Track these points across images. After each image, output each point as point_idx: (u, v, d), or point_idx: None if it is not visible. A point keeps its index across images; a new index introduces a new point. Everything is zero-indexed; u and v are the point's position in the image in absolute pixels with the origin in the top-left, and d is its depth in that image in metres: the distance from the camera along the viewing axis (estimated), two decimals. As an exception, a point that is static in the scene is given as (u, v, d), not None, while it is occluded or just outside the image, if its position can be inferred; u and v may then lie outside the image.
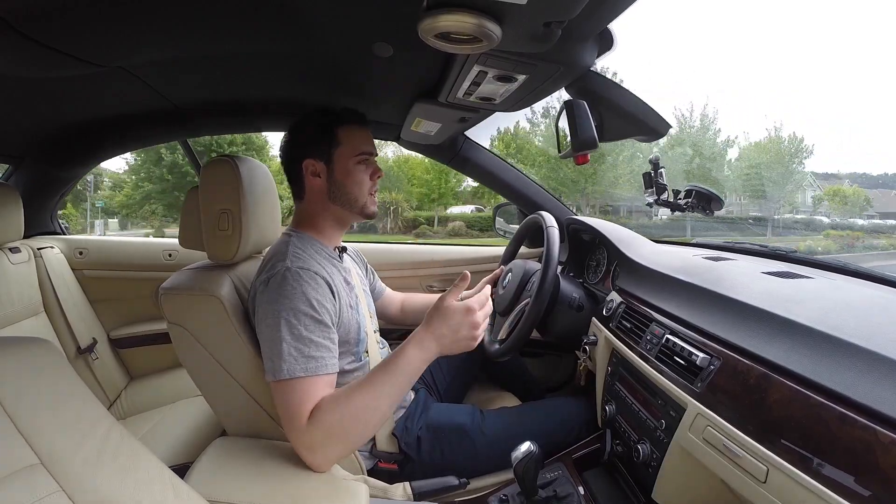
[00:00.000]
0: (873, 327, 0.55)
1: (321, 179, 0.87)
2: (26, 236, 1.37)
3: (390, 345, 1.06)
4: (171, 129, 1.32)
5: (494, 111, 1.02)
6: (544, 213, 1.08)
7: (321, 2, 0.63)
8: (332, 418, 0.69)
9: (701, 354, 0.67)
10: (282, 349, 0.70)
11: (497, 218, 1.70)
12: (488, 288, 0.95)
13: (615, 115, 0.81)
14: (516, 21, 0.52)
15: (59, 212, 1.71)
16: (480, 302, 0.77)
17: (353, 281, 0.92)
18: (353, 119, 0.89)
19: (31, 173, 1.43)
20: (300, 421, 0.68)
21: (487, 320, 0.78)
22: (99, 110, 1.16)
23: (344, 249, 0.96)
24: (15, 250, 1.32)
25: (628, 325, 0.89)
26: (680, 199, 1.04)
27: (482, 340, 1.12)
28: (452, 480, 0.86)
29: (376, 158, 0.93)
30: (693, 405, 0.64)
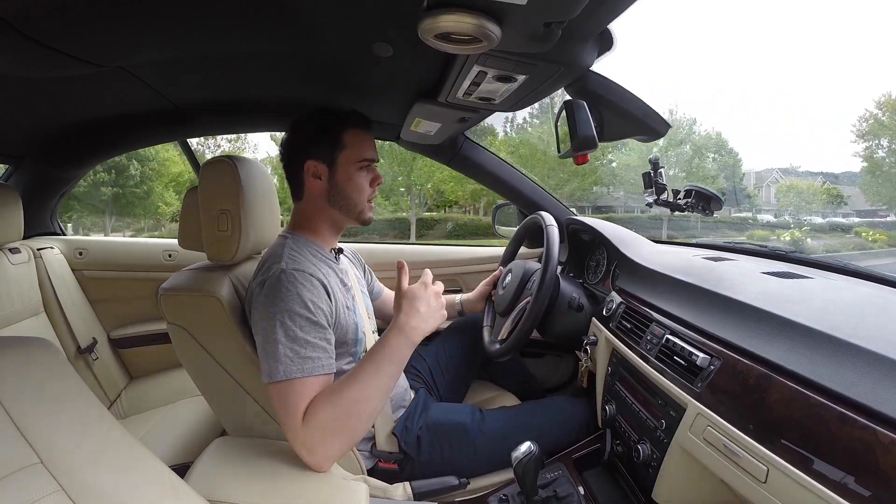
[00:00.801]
0: (873, 327, 0.55)
1: (322, 182, 0.86)
2: (26, 237, 1.37)
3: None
4: (171, 129, 1.32)
5: (494, 111, 1.02)
6: (544, 213, 1.08)
7: (321, 2, 0.63)
8: (326, 415, 0.69)
9: (701, 354, 0.67)
10: (277, 350, 0.70)
11: (496, 218, 1.70)
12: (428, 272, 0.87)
13: (615, 115, 0.82)
14: (516, 21, 0.52)
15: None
16: (426, 276, 0.84)
17: (349, 282, 0.92)
18: (359, 123, 0.89)
19: (31, 173, 1.43)
20: (297, 421, 0.69)
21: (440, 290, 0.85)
22: (99, 110, 1.16)
23: (340, 251, 0.96)
24: (15, 251, 1.32)
25: (628, 326, 0.89)
26: (679, 199, 1.04)
27: (483, 341, 1.12)
28: (452, 480, 0.86)
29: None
30: (693, 405, 0.64)
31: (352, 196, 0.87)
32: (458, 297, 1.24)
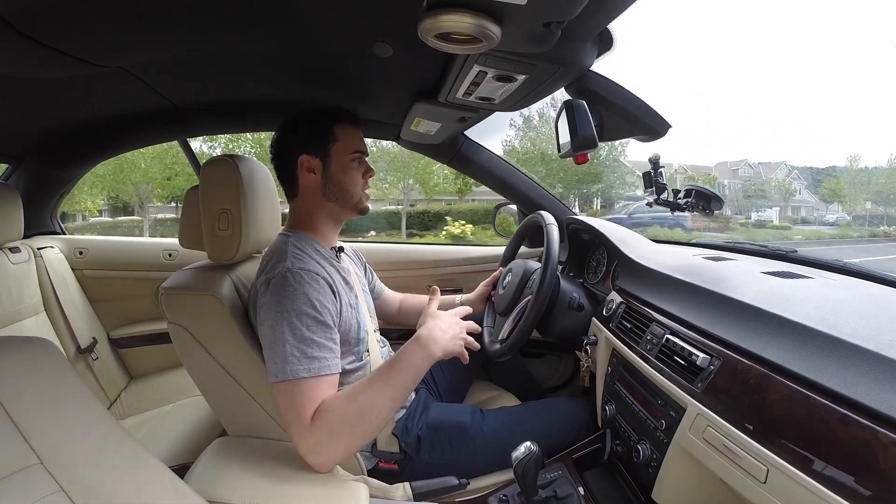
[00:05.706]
0: (873, 327, 0.55)
1: (316, 175, 0.87)
2: (26, 236, 1.37)
3: (391, 344, 1.06)
4: (171, 128, 1.32)
5: (494, 111, 1.02)
6: (543, 213, 1.08)
7: (321, 2, 0.63)
8: (335, 419, 0.69)
9: (701, 354, 0.67)
10: (284, 350, 0.70)
11: (496, 218, 1.70)
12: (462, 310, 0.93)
13: (615, 115, 0.82)
14: (516, 21, 0.53)
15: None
16: (461, 312, 0.90)
17: (352, 280, 0.92)
18: (348, 118, 0.91)
19: (30, 173, 1.43)
20: (303, 422, 0.68)
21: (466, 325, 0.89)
22: (99, 110, 1.16)
23: (341, 249, 0.96)
24: (15, 250, 1.32)
25: (628, 325, 0.89)
26: (680, 198, 1.04)
27: (483, 341, 1.12)
28: (452, 481, 0.86)
29: None
30: (693, 405, 0.64)
31: (348, 187, 0.89)
32: (457, 297, 1.24)
